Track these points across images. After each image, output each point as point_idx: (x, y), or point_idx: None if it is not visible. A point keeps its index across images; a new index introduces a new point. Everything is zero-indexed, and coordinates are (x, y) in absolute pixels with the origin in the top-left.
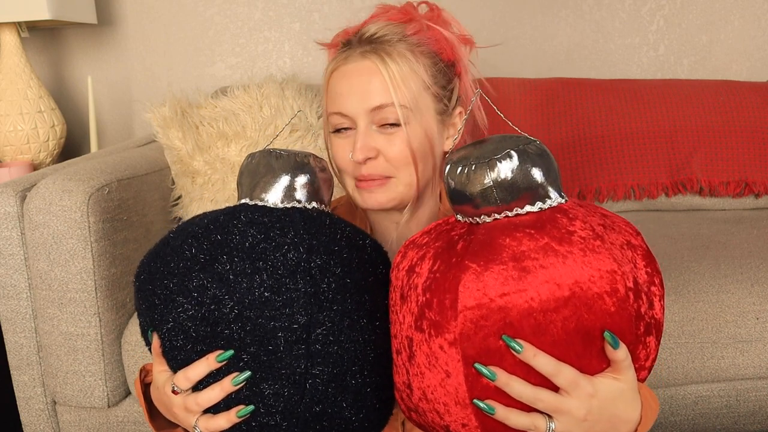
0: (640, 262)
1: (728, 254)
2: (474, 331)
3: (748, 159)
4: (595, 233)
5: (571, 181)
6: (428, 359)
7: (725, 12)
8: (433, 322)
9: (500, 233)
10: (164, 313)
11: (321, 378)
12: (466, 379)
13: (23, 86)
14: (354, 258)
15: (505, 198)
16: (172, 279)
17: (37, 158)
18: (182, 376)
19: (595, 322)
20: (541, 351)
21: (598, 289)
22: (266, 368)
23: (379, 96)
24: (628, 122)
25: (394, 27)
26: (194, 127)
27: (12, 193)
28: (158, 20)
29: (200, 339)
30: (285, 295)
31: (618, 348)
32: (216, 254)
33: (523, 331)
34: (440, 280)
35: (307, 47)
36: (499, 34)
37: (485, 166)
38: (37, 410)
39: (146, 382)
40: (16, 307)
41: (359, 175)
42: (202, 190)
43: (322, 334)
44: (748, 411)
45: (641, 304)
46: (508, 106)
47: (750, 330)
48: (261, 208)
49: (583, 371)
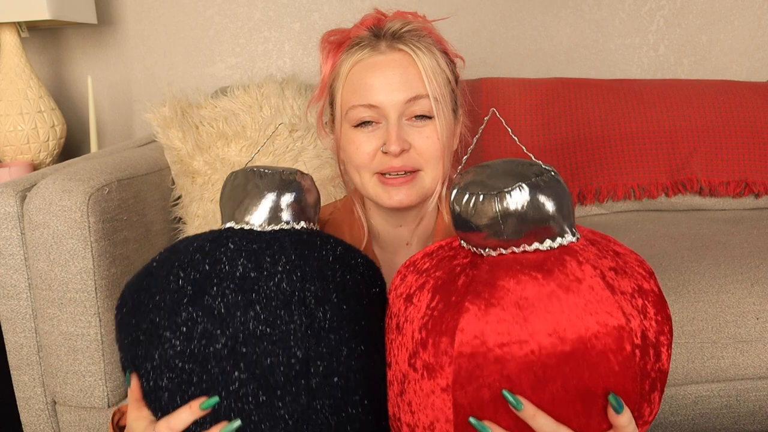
0: (651, 309)
1: (728, 254)
2: (468, 381)
3: (748, 159)
4: (605, 282)
5: (571, 181)
6: (419, 399)
7: (725, 12)
8: (426, 364)
9: (504, 273)
10: (149, 349)
11: (323, 410)
12: (455, 427)
13: (23, 86)
14: (348, 281)
15: (513, 233)
16: (158, 313)
17: (37, 158)
18: (164, 426)
19: (598, 382)
20: (540, 411)
21: (602, 346)
22: (264, 407)
23: (415, 87)
24: (628, 122)
25: (415, 24)
26: (194, 127)
27: (12, 193)
28: (158, 20)
29: (188, 378)
30: (281, 328)
31: (621, 413)
32: (205, 286)
33: (521, 385)
34: (437, 319)
35: (307, 47)
36: (499, 34)
37: (494, 199)
38: (37, 410)
39: (120, 425)
40: (16, 307)
41: (388, 167)
42: (202, 190)
43: (321, 366)
44: (748, 411)
45: (648, 361)
46: (508, 106)
47: (750, 330)
48: (248, 234)
49: (582, 431)
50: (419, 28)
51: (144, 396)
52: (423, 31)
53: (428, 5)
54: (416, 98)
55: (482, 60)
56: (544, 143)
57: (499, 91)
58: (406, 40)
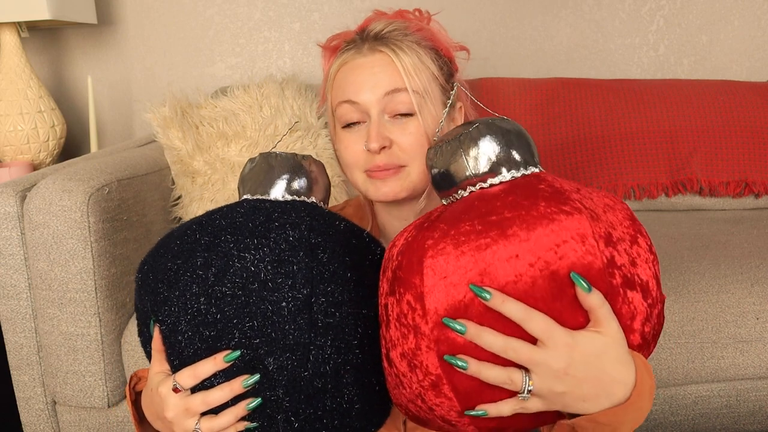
0: (620, 222)
1: (728, 254)
2: (438, 282)
3: (748, 159)
4: (562, 189)
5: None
6: (398, 320)
7: (725, 12)
8: (401, 281)
9: (471, 199)
10: (168, 296)
11: (324, 349)
12: (432, 332)
13: (23, 86)
14: (352, 242)
15: (479, 170)
16: (176, 261)
17: (37, 158)
18: (189, 373)
19: (561, 267)
20: (510, 297)
21: (564, 235)
22: (271, 340)
23: (393, 82)
24: (628, 122)
25: (399, 24)
26: (194, 127)
27: (12, 193)
28: (158, 20)
29: (203, 320)
30: (287, 267)
31: (590, 291)
32: (219, 234)
33: (491, 282)
34: (410, 242)
35: (307, 47)
36: (499, 34)
37: (456, 142)
38: (37, 410)
39: (137, 390)
40: (16, 307)
41: (373, 165)
42: (202, 190)
43: (323, 305)
44: (748, 411)
45: (615, 255)
46: (508, 106)
47: (750, 330)
48: (263, 200)
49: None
50: (404, 27)
51: (163, 343)
52: (409, 30)
53: (428, 5)
54: (395, 91)
55: (482, 60)
56: (544, 143)
57: (499, 91)
58: (386, 41)
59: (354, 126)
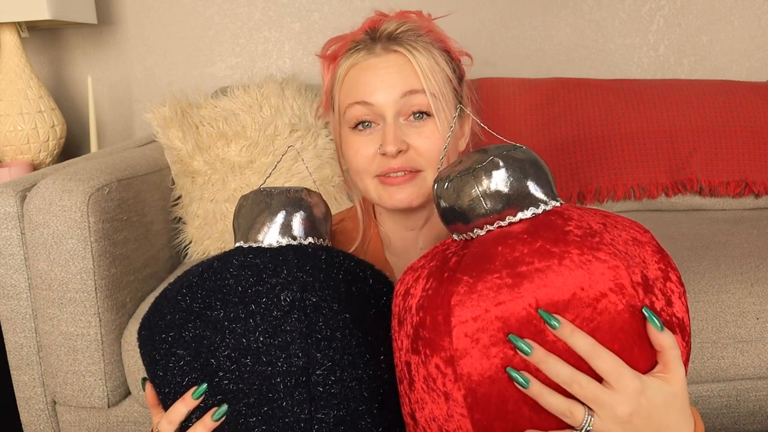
0: (651, 258)
1: (728, 254)
2: (471, 345)
3: (748, 159)
4: (592, 230)
5: (571, 181)
6: (426, 383)
7: (725, 12)
8: (427, 341)
9: (493, 243)
10: (165, 367)
11: (327, 422)
12: (465, 399)
13: (23, 86)
14: (353, 291)
15: (496, 207)
16: (170, 332)
17: (37, 158)
18: (165, 421)
19: (602, 324)
20: (579, 329)
21: (600, 287)
22: (269, 418)
23: (411, 83)
24: (628, 122)
25: (411, 24)
26: (194, 127)
27: (12, 193)
28: (158, 20)
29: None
30: (280, 338)
31: (663, 330)
32: (210, 302)
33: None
34: (432, 296)
35: (307, 47)
36: (499, 34)
37: (470, 177)
38: (37, 410)
39: None
40: (16, 307)
41: (387, 169)
42: (202, 190)
43: (322, 374)
44: (748, 411)
45: (654, 300)
46: (508, 106)
47: (750, 330)
48: (254, 250)
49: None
50: (416, 27)
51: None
52: (420, 30)
53: (428, 5)
54: (411, 92)
55: (482, 60)
56: (544, 143)
57: (499, 91)
58: (401, 41)
59: (365, 128)
